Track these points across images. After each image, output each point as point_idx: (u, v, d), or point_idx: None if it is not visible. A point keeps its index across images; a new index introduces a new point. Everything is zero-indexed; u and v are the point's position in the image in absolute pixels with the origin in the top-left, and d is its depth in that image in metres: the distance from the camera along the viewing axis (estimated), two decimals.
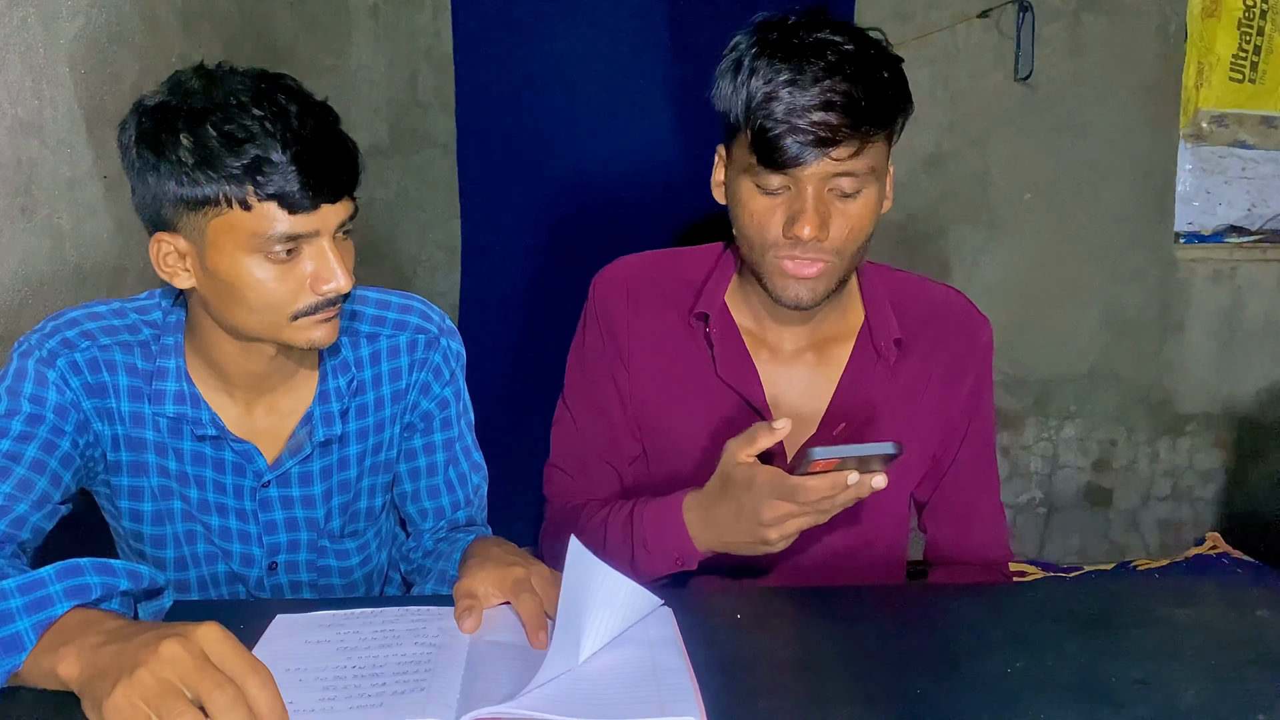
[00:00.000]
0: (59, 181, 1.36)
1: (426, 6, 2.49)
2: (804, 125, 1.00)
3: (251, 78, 0.95)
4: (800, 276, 1.07)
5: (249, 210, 0.92)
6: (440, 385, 1.17)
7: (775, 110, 1.01)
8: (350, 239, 1.01)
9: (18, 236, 1.28)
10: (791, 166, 1.02)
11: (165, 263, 0.98)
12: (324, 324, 0.99)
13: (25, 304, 1.29)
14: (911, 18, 2.53)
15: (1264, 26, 2.63)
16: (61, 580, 0.76)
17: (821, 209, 1.03)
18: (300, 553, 1.16)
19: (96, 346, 1.04)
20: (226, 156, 0.91)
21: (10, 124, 1.27)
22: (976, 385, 1.22)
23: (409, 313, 1.16)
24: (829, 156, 1.01)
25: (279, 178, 0.91)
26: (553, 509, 1.26)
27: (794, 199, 1.04)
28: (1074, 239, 2.66)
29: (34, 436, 0.98)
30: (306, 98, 0.97)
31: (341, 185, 0.96)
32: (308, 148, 0.92)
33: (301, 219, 0.93)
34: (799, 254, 1.06)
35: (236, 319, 0.99)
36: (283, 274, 0.95)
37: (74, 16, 1.40)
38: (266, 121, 0.91)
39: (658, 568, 1.08)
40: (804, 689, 0.80)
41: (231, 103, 0.92)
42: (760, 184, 1.05)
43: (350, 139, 0.99)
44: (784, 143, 1.01)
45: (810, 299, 1.08)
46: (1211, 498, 2.83)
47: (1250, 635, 0.89)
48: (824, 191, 1.04)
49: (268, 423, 1.10)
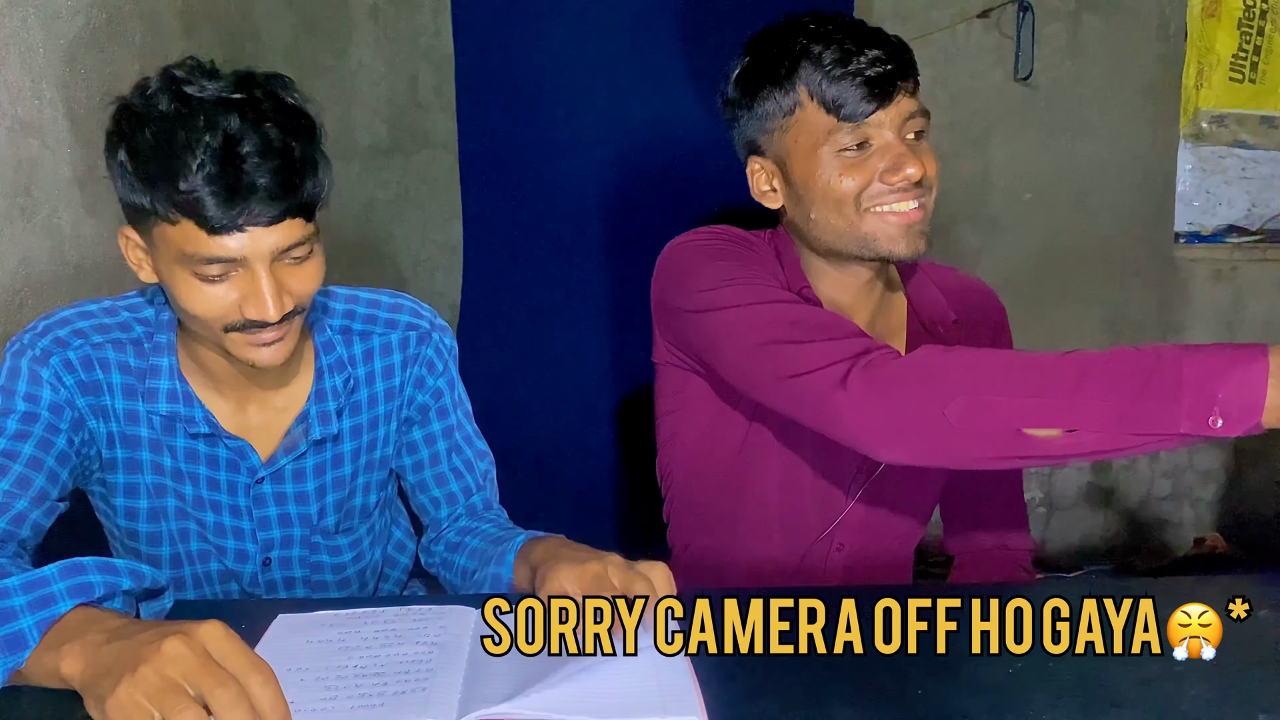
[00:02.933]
0: (59, 181, 1.36)
1: (426, 6, 2.49)
2: (878, 73, 1.07)
3: (227, 83, 0.91)
4: (908, 222, 1.10)
5: (174, 225, 0.90)
6: (434, 378, 1.17)
7: (850, 66, 1.07)
8: (310, 261, 0.97)
9: (18, 236, 1.28)
10: (868, 113, 1.07)
11: (130, 255, 0.98)
12: (263, 346, 0.96)
13: (25, 304, 1.29)
14: (911, 18, 2.52)
15: (1264, 26, 2.63)
16: (65, 579, 0.76)
17: (914, 150, 1.09)
18: (294, 549, 1.16)
19: (89, 344, 1.04)
20: (153, 168, 0.89)
21: (10, 124, 1.27)
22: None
23: (399, 311, 1.16)
24: (897, 98, 1.08)
25: (195, 195, 0.88)
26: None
27: (884, 149, 1.09)
28: (1074, 239, 2.66)
29: (30, 434, 0.98)
30: (273, 108, 0.92)
31: (278, 205, 0.90)
32: (234, 165, 0.88)
33: (224, 242, 0.90)
34: (897, 199, 1.09)
35: (185, 320, 0.99)
36: (213, 291, 0.93)
37: (74, 16, 1.40)
38: (198, 134, 0.88)
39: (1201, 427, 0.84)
40: (804, 689, 0.80)
41: (174, 111, 0.89)
42: (838, 146, 1.09)
43: (315, 158, 0.94)
44: (871, 85, 1.07)
45: (923, 244, 1.11)
46: (1211, 498, 2.83)
47: (1251, 635, 0.89)
48: (906, 138, 1.10)
49: (261, 419, 1.10)
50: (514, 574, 1.04)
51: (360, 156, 2.54)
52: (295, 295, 0.96)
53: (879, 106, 1.07)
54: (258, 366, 0.99)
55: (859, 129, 1.08)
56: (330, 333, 1.13)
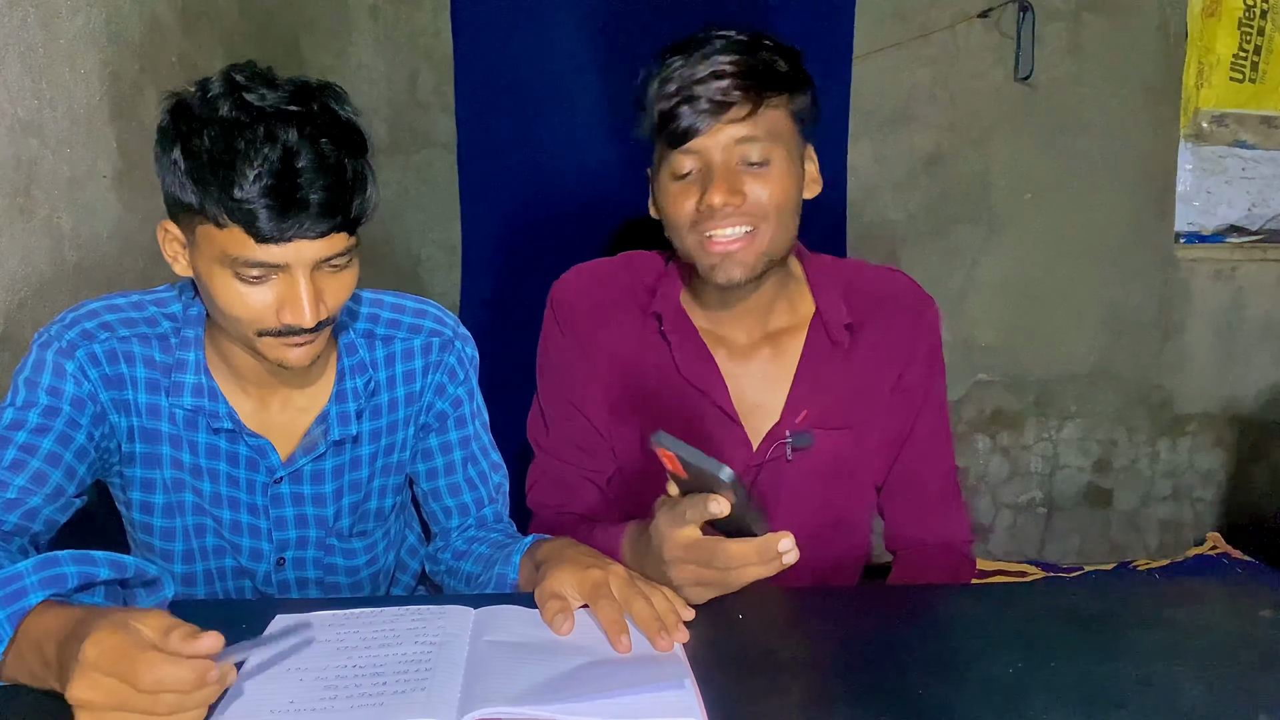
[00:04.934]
0: (59, 181, 1.36)
1: (426, 6, 2.49)
2: (698, 93, 1.05)
3: (286, 93, 0.93)
4: (726, 252, 1.08)
5: (221, 229, 0.91)
6: (454, 386, 1.18)
7: (668, 88, 1.06)
8: (347, 270, 0.99)
9: (18, 236, 1.28)
10: (692, 136, 1.06)
11: (168, 248, 0.99)
12: (295, 347, 0.98)
13: (25, 304, 1.29)
14: (911, 18, 2.53)
15: (1264, 26, 2.63)
16: (38, 572, 0.77)
17: (729, 177, 1.06)
18: (308, 550, 1.16)
19: (115, 338, 1.04)
20: (207, 172, 0.90)
21: (10, 124, 1.27)
22: (928, 361, 1.23)
23: (424, 316, 1.17)
24: (728, 118, 1.05)
25: (249, 205, 0.89)
26: (538, 521, 1.26)
27: (705, 176, 1.07)
28: (1074, 239, 2.66)
29: (50, 429, 0.99)
30: (328, 123, 0.93)
31: (327, 221, 0.92)
32: (290, 180, 0.89)
33: (270, 249, 0.91)
34: (717, 225, 1.07)
35: (217, 318, 1.00)
36: (251, 294, 0.94)
37: (74, 16, 1.40)
38: (257, 145, 0.89)
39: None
40: (804, 689, 0.80)
41: (234, 118, 0.90)
42: (673, 169, 1.09)
43: (365, 174, 0.96)
44: (680, 111, 1.05)
45: (742, 273, 1.09)
46: (1212, 498, 2.83)
47: (1251, 635, 0.89)
48: (732, 163, 1.07)
49: (283, 419, 1.11)
50: (519, 574, 1.04)
51: None
52: (330, 304, 0.97)
53: (700, 130, 1.06)
54: (286, 366, 0.99)
55: (684, 155, 1.08)
56: (353, 335, 1.13)
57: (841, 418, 1.20)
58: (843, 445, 1.21)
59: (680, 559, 0.90)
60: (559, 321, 1.25)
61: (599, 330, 1.22)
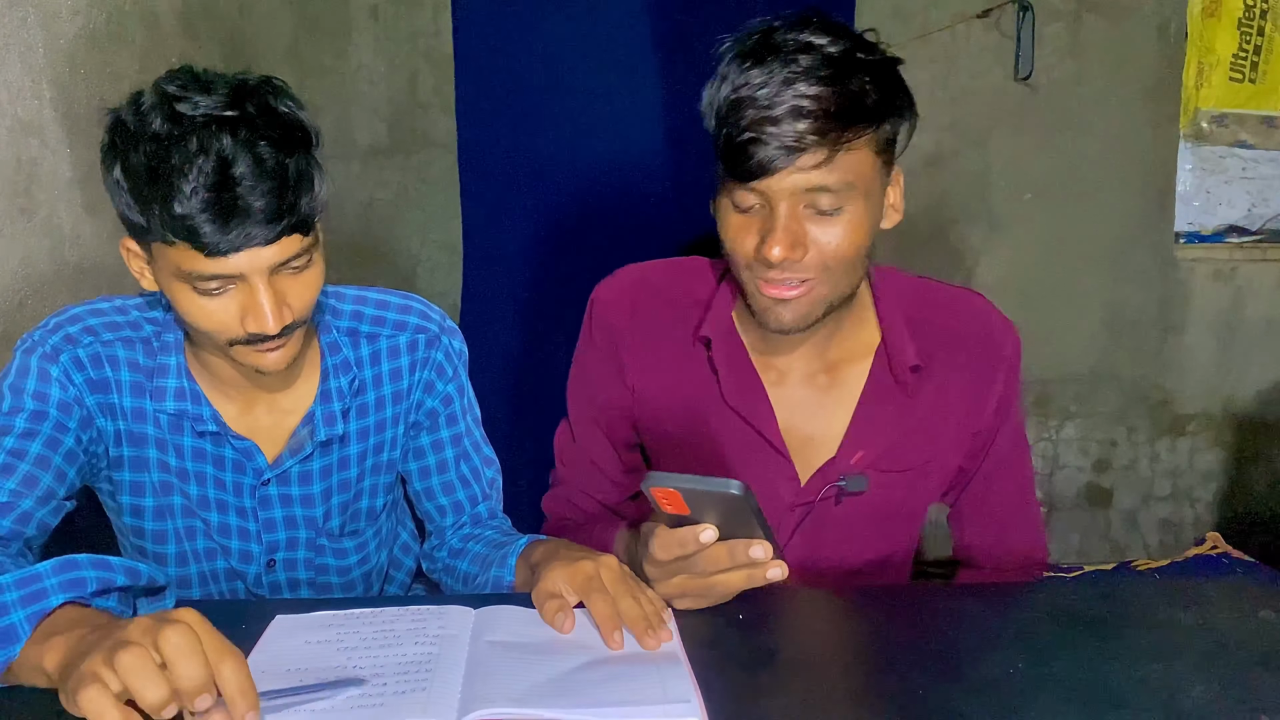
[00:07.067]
0: (59, 181, 1.36)
1: (426, 6, 2.49)
2: (771, 132, 0.92)
3: (220, 97, 0.89)
4: (780, 298, 0.99)
5: (170, 245, 0.90)
6: (444, 382, 1.17)
7: (740, 119, 0.94)
8: (309, 270, 0.97)
9: (18, 236, 1.28)
10: (758, 177, 0.94)
11: (132, 264, 0.99)
12: (269, 353, 0.97)
13: (25, 304, 1.29)
14: (911, 18, 2.53)
15: (1264, 26, 2.63)
16: (57, 574, 0.77)
17: (794, 227, 0.96)
18: (299, 551, 1.16)
19: (99, 342, 1.04)
20: (146, 190, 0.88)
21: (10, 124, 1.27)
22: (1005, 395, 1.14)
23: (408, 313, 1.15)
24: (797, 167, 0.93)
25: (190, 221, 0.87)
26: (549, 527, 1.24)
27: (766, 217, 0.97)
28: (1074, 239, 2.66)
29: (38, 433, 0.99)
30: (267, 123, 0.90)
31: (274, 226, 0.90)
32: (229, 189, 0.87)
33: (221, 262, 0.90)
34: (774, 275, 0.98)
35: (188, 330, 1.00)
36: (213, 305, 0.93)
37: (74, 16, 1.40)
38: (190, 157, 0.86)
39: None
40: (804, 689, 0.80)
41: (166, 131, 0.88)
42: (735, 201, 0.99)
43: (311, 171, 0.93)
44: (749, 151, 0.93)
45: (794, 322, 1.01)
46: (1211, 498, 2.83)
47: (1251, 635, 0.89)
48: (798, 209, 0.96)
49: (268, 421, 1.10)
50: (515, 576, 1.04)
51: (360, 156, 2.54)
52: (295, 306, 0.96)
53: (768, 173, 0.94)
54: (263, 371, 0.99)
55: (750, 190, 0.96)
56: (336, 334, 1.12)
57: (901, 460, 1.12)
58: (898, 489, 1.13)
59: (664, 565, 0.89)
60: (596, 330, 1.17)
61: (639, 346, 1.15)
